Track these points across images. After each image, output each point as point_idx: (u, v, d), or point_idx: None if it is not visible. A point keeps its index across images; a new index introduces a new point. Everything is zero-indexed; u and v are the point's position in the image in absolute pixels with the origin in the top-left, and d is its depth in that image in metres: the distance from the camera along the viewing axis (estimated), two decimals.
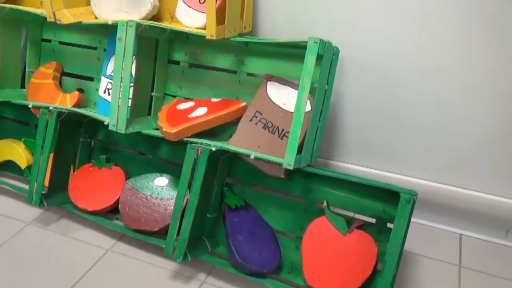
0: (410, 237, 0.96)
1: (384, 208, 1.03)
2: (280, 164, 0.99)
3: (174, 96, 1.27)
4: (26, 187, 1.37)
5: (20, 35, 1.35)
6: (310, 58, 0.91)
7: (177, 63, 1.25)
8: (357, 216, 1.07)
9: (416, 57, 1.12)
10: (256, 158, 1.03)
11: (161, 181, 1.23)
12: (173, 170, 1.28)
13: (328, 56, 0.98)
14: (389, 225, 1.02)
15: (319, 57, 0.94)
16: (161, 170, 1.27)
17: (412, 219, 0.96)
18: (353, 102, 1.21)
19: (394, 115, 1.19)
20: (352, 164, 1.29)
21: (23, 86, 1.39)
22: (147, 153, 1.32)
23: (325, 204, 1.07)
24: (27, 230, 1.23)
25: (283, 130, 1.07)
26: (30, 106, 1.28)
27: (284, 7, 1.17)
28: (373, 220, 1.04)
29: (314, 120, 1.00)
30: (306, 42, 0.93)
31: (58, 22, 1.13)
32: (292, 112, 1.06)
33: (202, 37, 1.08)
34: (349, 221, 1.05)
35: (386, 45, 1.13)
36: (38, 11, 1.22)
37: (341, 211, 1.08)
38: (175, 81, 1.25)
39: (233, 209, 1.14)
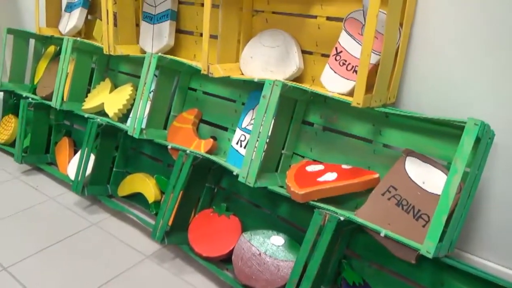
0: None
1: None
2: (414, 249, 0.90)
3: (303, 157, 1.26)
4: (150, 220, 1.45)
5: (173, 83, 1.49)
6: (468, 141, 0.84)
7: (311, 124, 1.25)
8: None
9: None
10: (386, 236, 0.95)
11: (277, 240, 1.21)
12: (289, 230, 1.25)
13: (484, 139, 0.89)
14: None
15: (476, 140, 0.85)
16: (277, 228, 1.26)
17: None
18: (503, 192, 1.08)
19: None
20: (492, 262, 1.13)
21: (165, 127, 1.51)
22: (266, 208, 1.32)
23: None
24: (145, 263, 1.29)
25: (419, 210, 0.99)
26: (169, 147, 1.38)
27: (433, 80, 1.12)
28: None
29: (460, 207, 0.90)
30: (463, 122, 0.86)
31: (210, 75, 1.22)
32: (432, 193, 0.98)
33: (341, 102, 1.08)
34: None
35: None
36: (193, 63, 1.35)
37: None
38: (307, 142, 1.25)
39: (351, 286, 1.06)
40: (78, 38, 1.64)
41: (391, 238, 0.95)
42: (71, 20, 1.75)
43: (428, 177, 1.01)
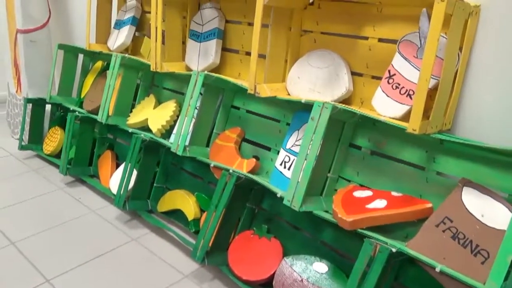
0: None
1: None
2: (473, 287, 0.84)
3: (349, 181, 1.22)
4: (189, 238, 1.44)
5: (217, 101, 1.49)
6: None
7: (359, 148, 1.21)
8: None
9: None
10: (441, 272, 0.89)
11: (320, 267, 1.16)
12: (333, 257, 1.21)
13: None
14: None
15: None
16: (319, 254, 1.21)
17: None
18: None
19: None
20: None
21: (207, 145, 1.51)
22: (308, 232, 1.28)
23: None
24: (184, 283, 1.27)
25: (477, 246, 0.92)
26: (212, 165, 1.37)
27: (491, 106, 1.05)
28: None
29: None
30: None
31: (257, 94, 1.21)
32: (492, 228, 0.92)
33: (391, 126, 1.04)
34: None
35: None
36: (238, 81, 1.34)
37: None
38: (353, 166, 1.21)
39: None
40: (126, 55, 1.67)
41: (447, 274, 0.89)
42: (120, 37, 1.80)
43: (487, 210, 0.95)
